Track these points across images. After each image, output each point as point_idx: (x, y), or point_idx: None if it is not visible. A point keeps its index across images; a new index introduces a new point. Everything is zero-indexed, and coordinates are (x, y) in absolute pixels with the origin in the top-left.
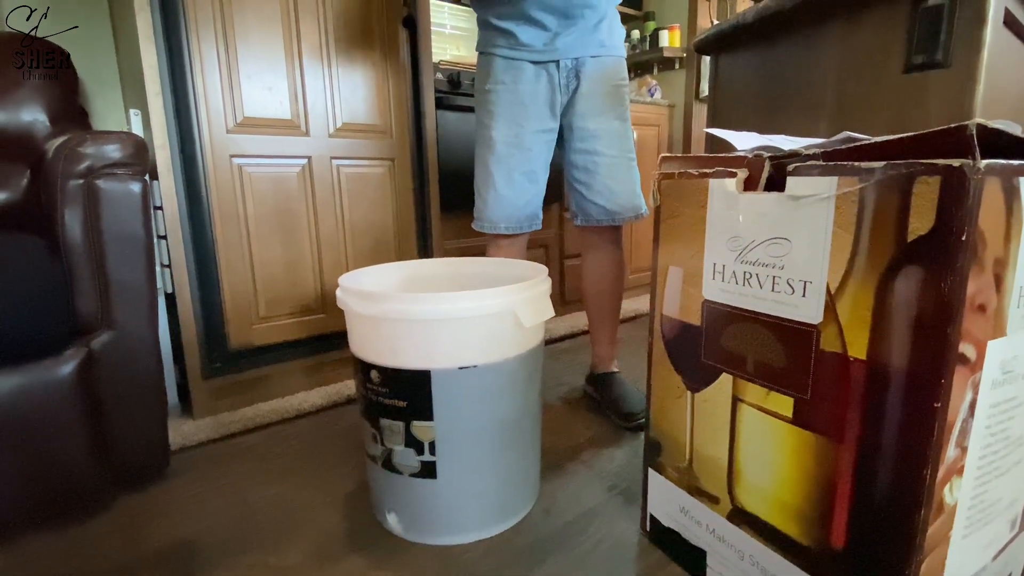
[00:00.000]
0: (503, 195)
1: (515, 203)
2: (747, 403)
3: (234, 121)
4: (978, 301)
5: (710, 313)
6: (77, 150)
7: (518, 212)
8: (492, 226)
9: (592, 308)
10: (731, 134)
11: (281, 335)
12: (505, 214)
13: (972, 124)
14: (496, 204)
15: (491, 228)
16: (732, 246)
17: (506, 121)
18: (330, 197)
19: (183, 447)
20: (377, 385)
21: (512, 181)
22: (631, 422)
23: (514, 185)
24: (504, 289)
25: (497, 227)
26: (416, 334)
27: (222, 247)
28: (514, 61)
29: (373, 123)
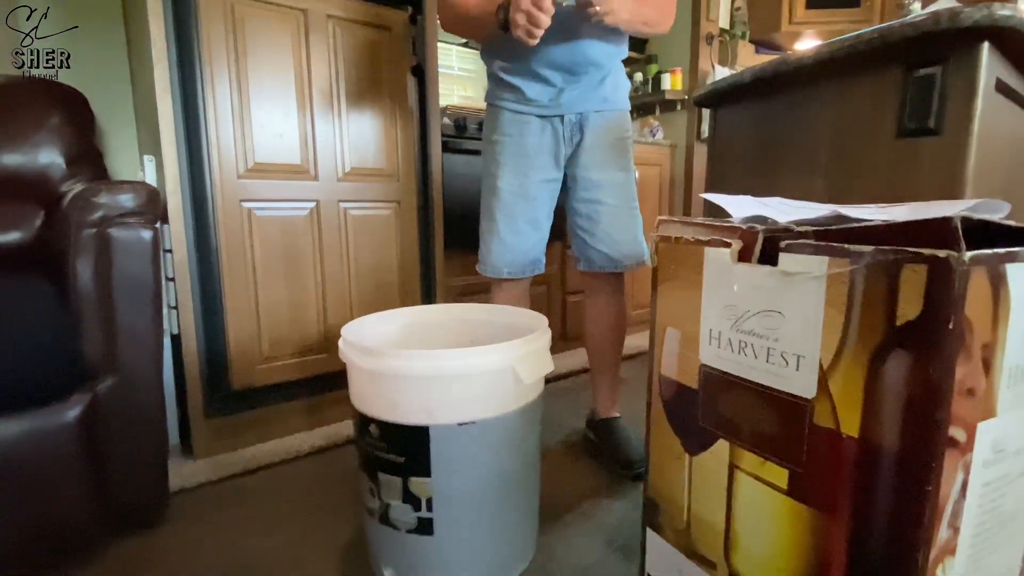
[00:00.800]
0: (507, 242)
1: (518, 249)
2: (743, 471)
3: (245, 167)
4: (967, 385)
5: (707, 378)
6: (92, 200)
7: (521, 258)
8: (495, 271)
9: (594, 353)
10: (726, 200)
11: (283, 375)
12: (508, 260)
13: (957, 217)
14: (500, 250)
15: (494, 273)
16: (728, 314)
17: (511, 171)
18: (336, 239)
19: (182, 489)
20: (376, 439)
21: (516, 228)
22: (631, 471)
23: (518, 232)
24: (504, 345)
25: (500, 272)
26: (415, 390)
27: (228, 289)
28: (521, 115)
29: (381, 167)
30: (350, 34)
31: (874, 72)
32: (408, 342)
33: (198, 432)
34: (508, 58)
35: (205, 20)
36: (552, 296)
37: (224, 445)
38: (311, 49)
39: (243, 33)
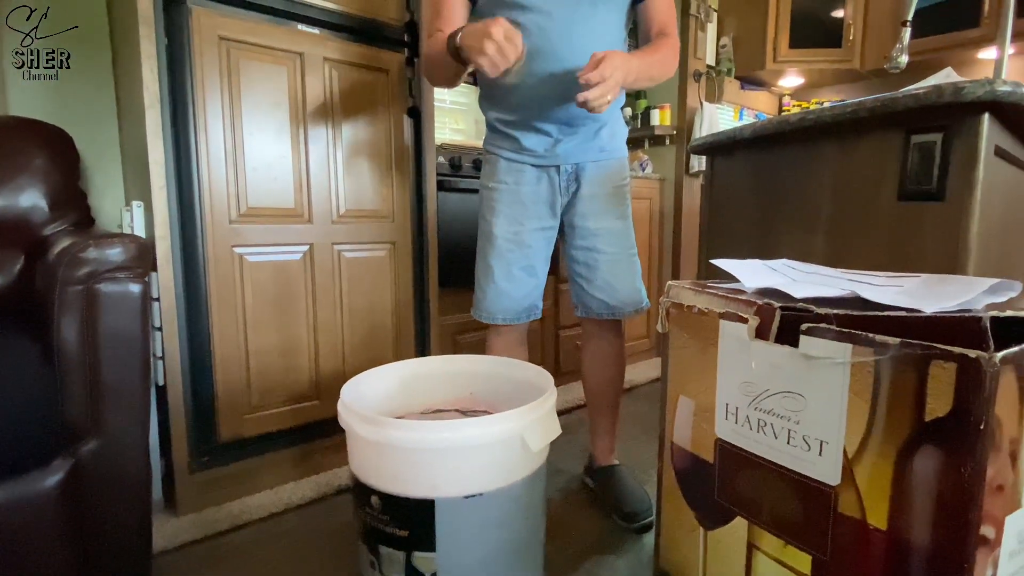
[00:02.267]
0: (502, 288)
1: (513, 296)
2: (763, 552)
3: (237, 212)
4: (996, 483)
5: (724, 453)
6: (79, 256)
7: (515, 304)
8: (490, 317)
9: (592, 399)
10: (736, 266)
11: (273, 424)
12: (503, 306)
13: (986, 318)
14: (495, 297)
15: (489, 319)
16: (745, 391)
17: (507, 219)
18: (330, 282)
19: (165, 550)
20: (377, 512)
21: (511, 275)
22: (634, 522)
23: (513, 279)
24: (511, 414)
25: (495, 318)
26: (421, 463)
27: (218, 338)
28: (517, 163)
29: (376, 208)
30: (346, 76)
31: (875, 135)
32: (409, 397)
33: (183, 487)
34: (505, 109)
35: (199, 63)
36: (545, 331)
37: (210, 499)
38: (307, 92)
39: (238, 76)
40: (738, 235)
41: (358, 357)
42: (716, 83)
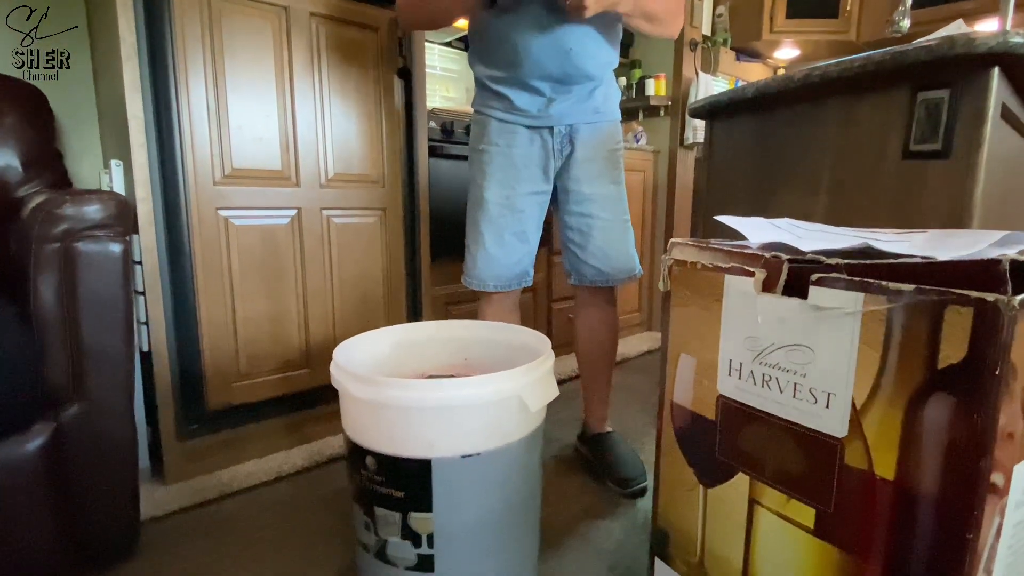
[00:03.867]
0: (493, 255)
1: (505, 262)
2: (765, 507)
3: (222, 173)
4: (1008, 430)
5: (726, 410)
6: (55, 212)
7: (507, 271)
8: (481, 284)
9: (585, 367)
10: (740, 222)
11: (262, 393)
12: (494, 273)
13: (1006, 260)
14: (486, 263)
15: (480, 286)
16: (750, 345)
17: (498, 182)
18: (319, 248)
19: (154, 517)
20: (372, 472)
21: (502, 241)
22: (628, 488)
23: (504, 245)
24: (509, 373)
25: (486, 285)
26: (417, 422)
27: (204, 303)
28: (509, 124)
29: (366, 173)
30: (334, 33)
31: (880, 92)
32: (401, 362)
33: (171, 455)
34: (496, 65)
35: (179, 15)
36: (539, 304)
37: (199, 467)
38: (293, 49)
39: (220, 30)
40: (737, 199)
41: (348, 326)
42: (712, 53)
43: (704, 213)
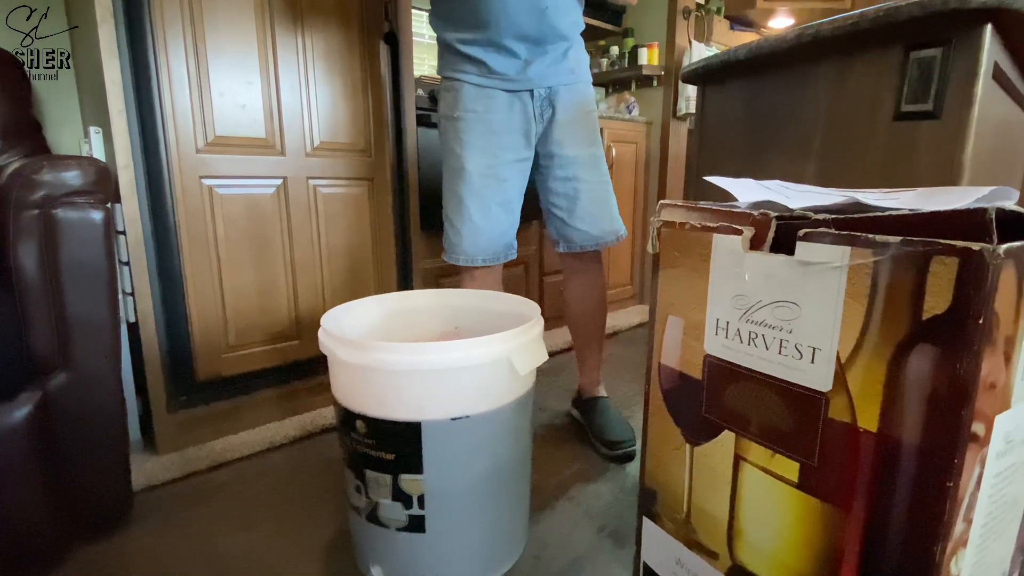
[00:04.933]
0: (480, 227)
1: (491, 235)
2: (750, 463)
3: (204, 140)
4: (990, 380)
5: (712, 369)
6: (33, 177)
7: (494, 244)
8: (469, 259)
9: (578, 333)
10: (730, 183)
11: (252, 364)
12: (482, 246)
13: (992, 209)
14: (472, 237)
15: (467, 261)
16: (737, 304)
17: (479, 151)
18: (306, 219)
19: (147, 487)
20: (363, 436)
21: (488, 213)
22: (615, 450)
23: (491, 217)
24: (498, 336)
25: (474, 260)
26: (406, 385)
27: (190, 273)
28: (485, 89)
29: (352, 142)
30: None
31: (872, 52)
32: (391, 330)
33: (161, 426)
34: (465, 26)
35: None
36: (530, 278)
37: (191, 439)
38: (275, 11)
39: None
40: (728, 164)
41: (338, 297)
42: (705, 22)
43: (695, 180)
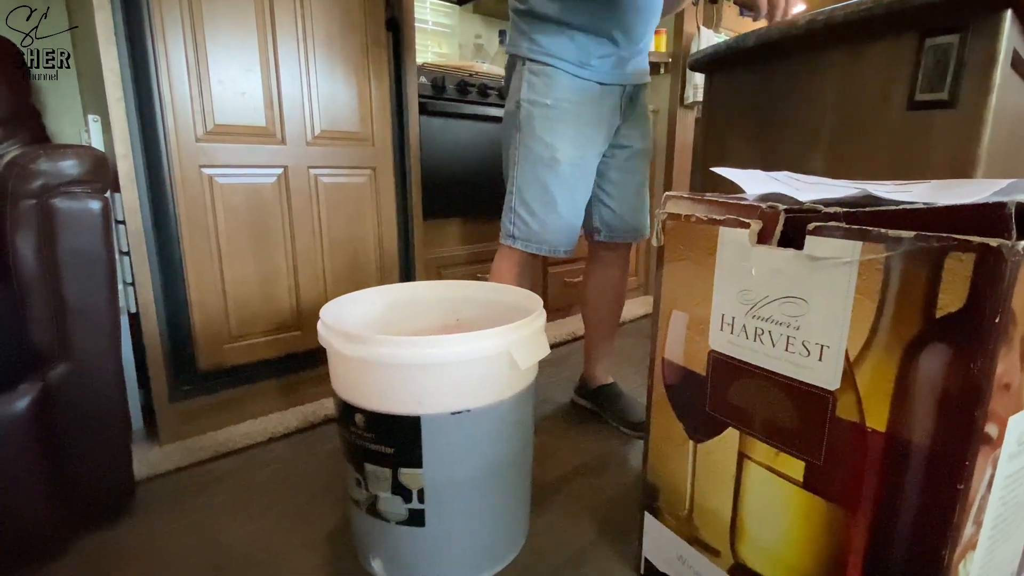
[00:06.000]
0: (567, 219)
1: (576, 226)
2: (754, 461)
3: (204, 129)
4: (1004, 380)
5: (717, 365)
6: (29, 167)
7: (574, 235)
8: (552, 249)
9: (594, 323)
10: (738, 174)
11: (254, 354)
12: (567, 237)
13: (1011, 203)
14: (558, 228)
15: (551, 251)
16: (743, 299)
17: (572, 143)
18: (307, 208)
19: (150, 476)
20: (362, 430)
21: (575, 205)
22: (642, 431)
23: (576, 209)
24: (499, 330)
25: (557, 251)
26: (406, 379)
27: (191, 263)
28: (580, 80)
29: (354, 130)
30: None
31: (886, 39)
32: (391, 323)
33: (164, 416)
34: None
35: None
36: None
37: (193, 429)
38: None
39: None
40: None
41: (340, 288)
42: (714, 9)
43: (702, 171)
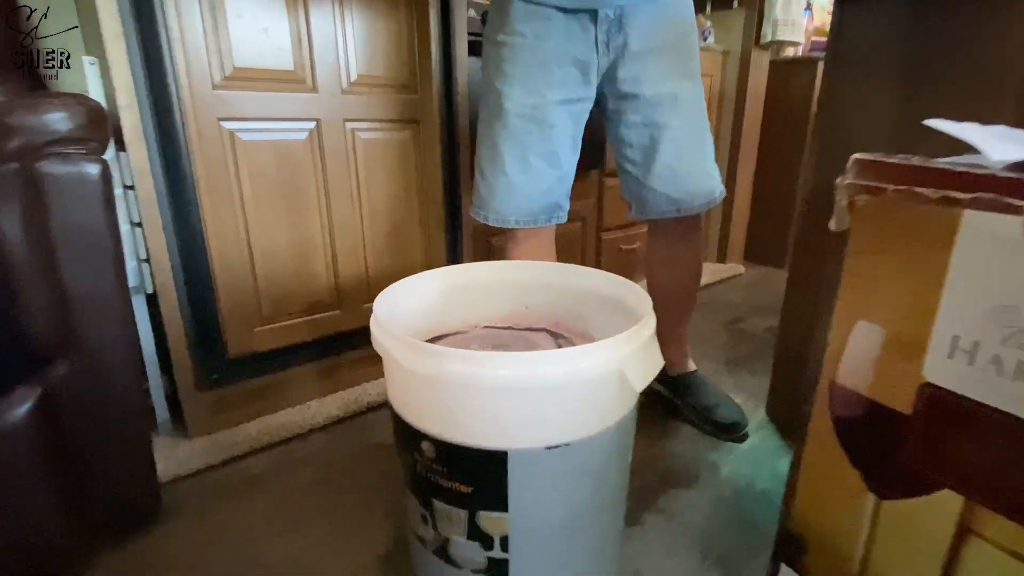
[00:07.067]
0: (514, 182)
1: (529, 192)
2: (984, 538)
3: (221, 74)
4: None
5: (934, 403)
6: (5, 122)
7: (532, 203)
8: (500, 218)
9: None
10: (970, 131)
11: (289, 338)
12: (516, 205)
13: None
14: (506, 193)
15: (498, 221)
16: (1000, 319)
17: (522, 86)
18: (344, 169)
19: (177, 476)
20: (430, 461)
21: (526, 164)
22: (735, 433)
23: (529, 170)
24: (608, 343)
25: (506, 220)
26: (491, 406)
27: (213, 235)
28: (537, 7)
29: (394, 75)
30: None
31: None
32: (450, 312)
33: (191, 407)
34: None
35: None
36: (587, 234)
37: (224, 420)
38: None
39: None
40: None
41: (382, 262)
42: None
43: (827, 127)
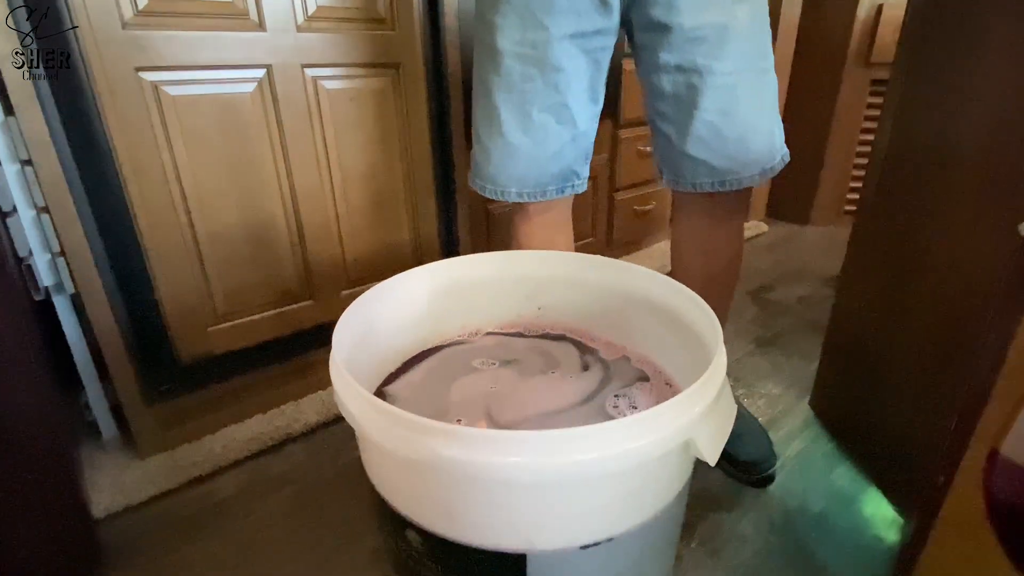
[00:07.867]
0: (513, 144)
1: (533, 156)
2: None
3: (132, 8)
4: None
5: None
6: None
7: (538, 170)
8: (499, 190)
9: None
10: None
11: (253, 336)
12: (518, 173)
13: None
14: (504, 157)
15: (495, 193)
16: None
17: (518, 21)
18: (306, 128)
19: (128, 506)
20: (421, 555)
21: (528, 122)
22: (754, 475)
23: (532, 128)
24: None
25: (507, 192)
26: (507, 500)
27: (143, 218)
28: None
29: (363, 5)
30: None
31: None
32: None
33: (139, 423)
34: None
35: None
36: (598, 194)
37: (181, 434)
38: None
39: None
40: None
41: (361, 240)
42: None
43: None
